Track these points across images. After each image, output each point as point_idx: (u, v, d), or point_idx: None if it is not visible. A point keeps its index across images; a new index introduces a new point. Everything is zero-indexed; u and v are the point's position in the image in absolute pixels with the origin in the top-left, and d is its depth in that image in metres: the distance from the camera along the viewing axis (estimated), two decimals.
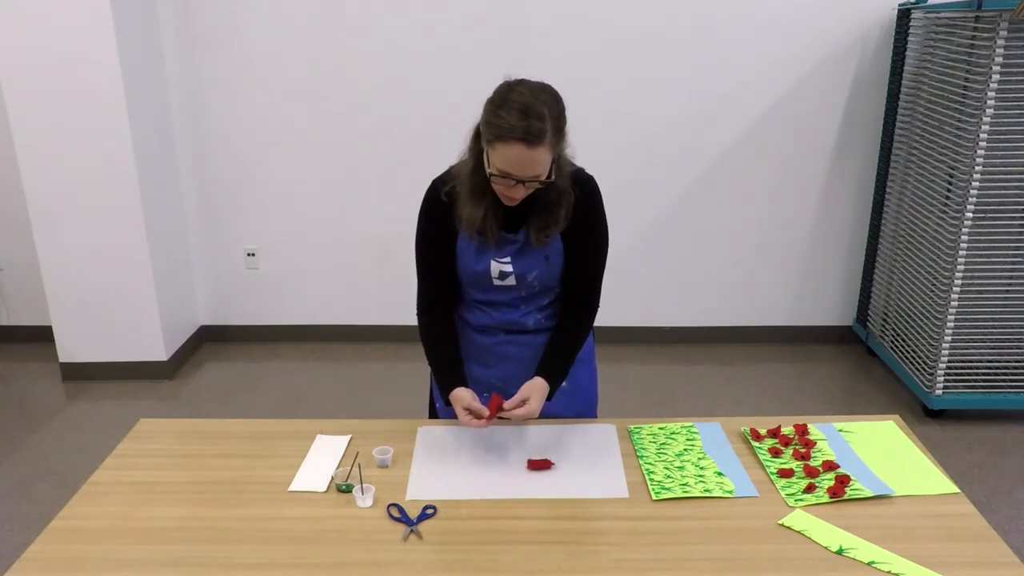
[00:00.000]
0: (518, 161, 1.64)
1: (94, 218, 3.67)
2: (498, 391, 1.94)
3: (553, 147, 1.66)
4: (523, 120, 1.61)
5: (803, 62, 3.86)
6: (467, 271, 1.89)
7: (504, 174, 1.67)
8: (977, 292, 3.38)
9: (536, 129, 1.61)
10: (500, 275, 1.87)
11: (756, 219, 4.11)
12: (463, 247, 1.87)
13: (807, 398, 3.73)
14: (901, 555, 1.48)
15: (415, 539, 1.55)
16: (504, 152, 1.64)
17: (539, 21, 3.81)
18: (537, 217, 1.81)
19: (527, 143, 1.62)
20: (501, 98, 1.67)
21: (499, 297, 1.92)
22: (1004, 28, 3.02)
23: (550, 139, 1.64)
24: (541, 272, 1.87)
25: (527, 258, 1.85)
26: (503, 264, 1.86)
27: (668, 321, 4.29)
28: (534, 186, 1.70)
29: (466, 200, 1.80)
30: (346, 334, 4.32)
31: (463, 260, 1.88)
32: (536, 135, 1.62)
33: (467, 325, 1.99)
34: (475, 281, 1.90)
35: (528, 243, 1.84)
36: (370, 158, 4.03)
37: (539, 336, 1.96)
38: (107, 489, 1.71)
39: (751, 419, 1.95)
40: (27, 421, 3.57)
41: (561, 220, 1.81)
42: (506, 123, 1.62)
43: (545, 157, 1.66)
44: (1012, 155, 3.22)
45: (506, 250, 1.85)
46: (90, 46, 3.44)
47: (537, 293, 1.92)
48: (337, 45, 3.86)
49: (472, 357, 1.97)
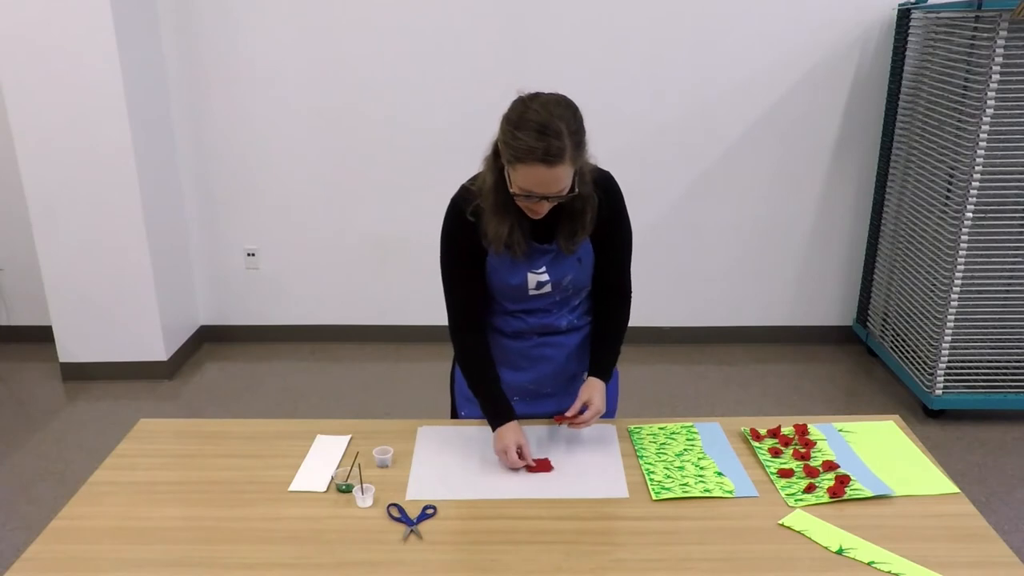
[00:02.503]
0: (540, 181, 1.63)
1: (94, 218, 3.67)
2: (530, 393, 1.95)
3: (574, 161, 1.64)
4: (541, 141, 1.58)
5: (803, 62, 3.86)
6: (503, 285, 1.87)
7: (527, 193, 1.66)
8: (977, 292, 3.37)
9: (555, 148, 1.59)
10: (537, 285, 1.86)
11: (756, 219, 4.11)
12: (496, 263, 1.84)
13: (807, 398, 3.73)
14: (901, 555, 1.48)
15: (415, 539, 1.55)
16: (525, 173, 1.63)
17: (539, 22, 3.81)
18: (565, 226, 1.81)
19: (547, 164, 1.60)
20: (517, 117, 1.63)
21: (535, 305, 1.91)
22: (1004, 28, 3.02)
23: (570, 155, 1.62)
24: (575, 275, 1.87)
25: (561, 265, 1.85)
26: (539, 275, 1.85)
27: (668, 321, 4.29)
28: (558, 200, 1.70)
29: (491, 217, 1.77)
30: (346, 334, 4.32)
31: (498, 276, 1.86)
32: (556, 154, 1.59)
33: (500, 333, 1.97)
34: (512, 294, 1.88)
35: (560, 251, 1.84)
36: (370, 158, 4.03)
37: (571, 336, 1.96)
38: (107, 489, 1.71)
39: (751, 419, 1.95)
40: (27, 421, 3.57)
41: (588, 225, 1.81)
42: (524, 144, 1.60)
43: (567, 173, 1.64)
44: (1012, 155, 3.22)
45: (540, 261, 1.84)
46: (90, 45, 3.43)
47: (570, 295, 1.92)
48: (337, 45, 3.86)
49: (504, 363, 1.95)
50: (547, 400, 1.98)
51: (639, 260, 4.46)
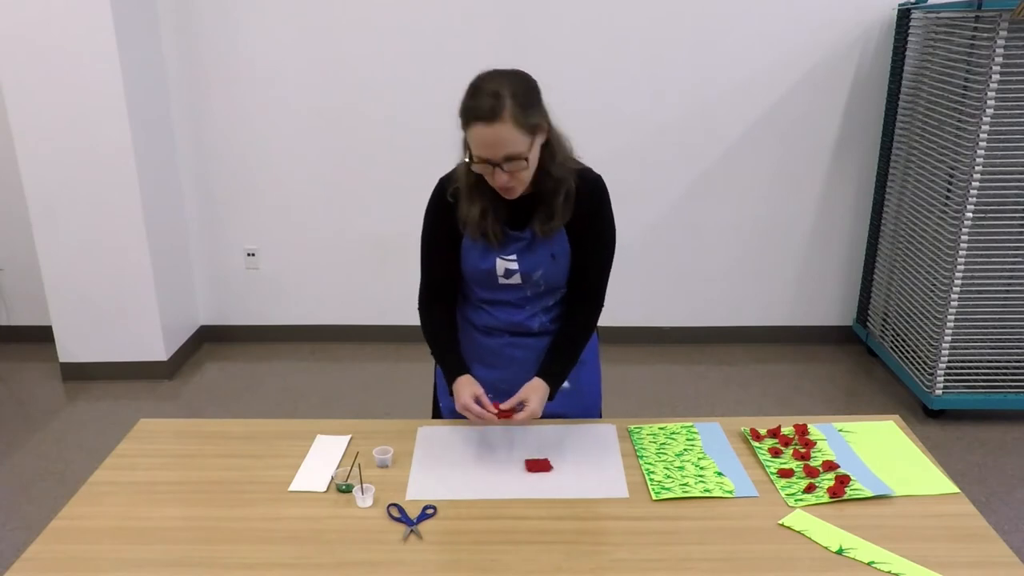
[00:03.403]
0: (483, 141, 1.65)
1: (94, 218, 3.67)
2: (501, 393, 1.94)
3: (519, 123, 1.64)
4: (478, 99, 1.64)
5: (803, 62, 3.86)
6: (473, 269, 1.89)
7: (481, 160, 1.68)
8: (977, 292, 3.37)
9: (489, 105, 1.63)
10: (506, 273, 1.87)
11: (756, 219, 4.11)
12: (469, 245, 1.87)
13: (807, 398, 3.73)
14: (901, 555, 1.48)
15: (415, 539, 1.55)
16: (472, 136, 1.67)
17: (538, 22, 3.81)
18: (540, 210, 1.82)
19: (485, 120, 1.63)
20: (468, 87, 1.71)
21: (505, 296, 1.92)
22: (1004, 28, 3.02)
23: (512, 114, 1.63)
24: (547, 270, 1.87)
25: (533, 256, 1.85)
26: (509, 262, 1.86)
27: (668, 321, 4.29)
28: (517, 168, 1.68)
29: (465, 199, 1.82)
30: (346, 334, 4.32)
31: (469, 258, 1.88)
32: (491, 110, 1.62)
33: (471, 326, 1.99)
34: (481, 279, 1.90)
35: (535, 239, 1.84)
36: (370, 158, 4.03)
37: (543, 339, 1.95)
38: (107, 489, 1.71)
39: (751, 419, 1.95)
40: (27, 421, 3.57)
41: (560, 209, 1.80)
42: (465, 105, 1.67)
43: (511, 135, 1.64)
44: (1012, 155, 3.22)
45: (511, 248, 1.85)
46: (90, 45, 3.43)
47: (543, 293, 1.92)
48: (337, 45, 3.86)
49: (476, 358, 1.97)
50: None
51: (639, 260, 4.47)
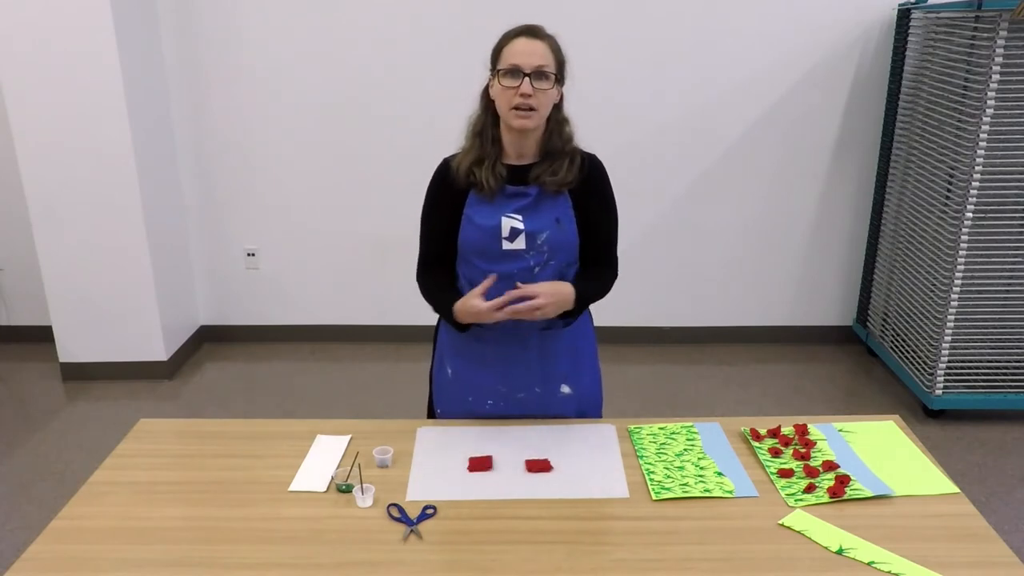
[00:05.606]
0: (521, 50, 1.79)
1: (94, 218, 3.67)
2: (501, 395, 1.94)
3: (554, 52, 1.82)
4: (522, 25, 1.85)
5: (803, 62, 3.86)
6: (477, 232, 1.86)
7: (513, 67, 1.78)
8: (977, 292, 3.38)
9: (535, 27, 1.84)
10: (511, 234, 1.85)
11: (756, 219, 4.11)
12: (473, 209, 1.87)
13: (807, 398, 3.73)
14: (901, 555, 1.48)
15: (415, 539, 1.55)
16: (509, 49, 1.81)
17: (538, 22, 3.79)
18: (545, 161, 1.87)
19: (528, 35, 1.81)
20: None
21: (507, 267, 1.86)
22: (1004, 28, 3.02)
23: (550, 42, 1.83)
24: (552, 234, 1.86)
25: (538, 216, 1.85)
26: (514, 220, 1.85)
27: (668, 321, 4.29)
28: (542, 87, 1.78)
29: (470, 142, 1.90)
30: (346, 334, 4.32)
31: (474, 220, 1.87)
32: (534, 30, 1.83)
33: None
34: (484, 245, 1.86)
35: (541, 197, 1.85)
36: (370, 158, 4.03)
37: (544, 336, 1.94)
38: (107, 489, 1.71)
39: (751, 419, 1.95)
40: (27, 421, 3.57)
41: (570, 167, 1.86)
42: (506, 32, 1.86)
43: (547, 54, 1.80)
44: (1012, 155, 3.22)
45: (515, 204, 1.86)
46: (90, 45, 3.43)
47: (546, 263, 1.87)
48: (338, 45, 3.86)
49: (477, 358, 1.95)
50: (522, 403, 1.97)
51: (639, 260, 4.47)
